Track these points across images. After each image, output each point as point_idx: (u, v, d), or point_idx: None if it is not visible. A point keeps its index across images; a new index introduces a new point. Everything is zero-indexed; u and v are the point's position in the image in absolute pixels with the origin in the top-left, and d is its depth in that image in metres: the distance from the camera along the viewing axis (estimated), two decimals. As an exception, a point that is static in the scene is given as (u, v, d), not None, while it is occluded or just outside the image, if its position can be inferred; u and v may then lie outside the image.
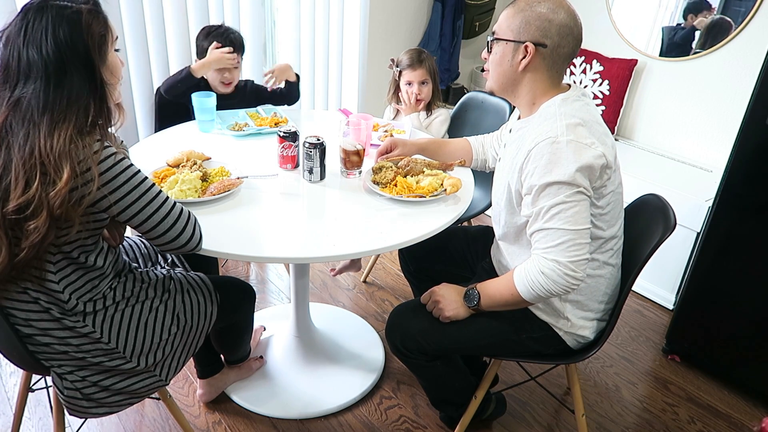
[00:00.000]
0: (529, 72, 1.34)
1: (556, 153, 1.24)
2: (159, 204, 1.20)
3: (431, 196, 1.56)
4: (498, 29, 1.36)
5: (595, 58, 2.94)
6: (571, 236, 1.25)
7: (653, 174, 2.57)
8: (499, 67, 1.37)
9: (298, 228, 1.47)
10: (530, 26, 1.29)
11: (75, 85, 1.11)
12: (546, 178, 1.25)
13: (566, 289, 1.28)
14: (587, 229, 1.27)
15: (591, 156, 1.23)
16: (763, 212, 1.82)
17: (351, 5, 2.93)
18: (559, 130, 1.26)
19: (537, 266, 1.28)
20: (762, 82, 1.74)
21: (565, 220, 1.25)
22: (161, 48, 2.37)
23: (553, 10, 1.29)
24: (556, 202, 1.25)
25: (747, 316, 1.93)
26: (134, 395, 1.34)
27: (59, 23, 1.09)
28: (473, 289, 1.42)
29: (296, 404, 1.87)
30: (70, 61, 1.10)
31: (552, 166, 1.24)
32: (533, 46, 1.30)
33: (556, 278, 1.26)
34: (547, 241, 1.27)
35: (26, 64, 1.09)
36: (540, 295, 1.30)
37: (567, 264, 1.25)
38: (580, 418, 1.61)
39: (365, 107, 3.14)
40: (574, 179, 1.23)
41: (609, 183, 1.30)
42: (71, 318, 1.22)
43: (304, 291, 1.97)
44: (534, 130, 1.31)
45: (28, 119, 1.08)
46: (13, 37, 1.09)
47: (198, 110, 1.99)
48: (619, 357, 2.22)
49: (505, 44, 1.34)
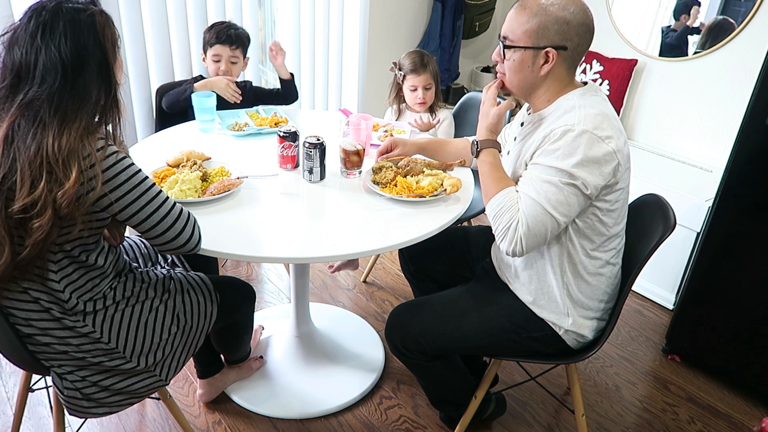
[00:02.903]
0: (551, 74, 1.32)
1: (567, 141, 1.24)
2: (159, 204, 1.20)
3: (431, 196, 1.56)
4: (512, 35, 1.31)
5: (595, 58, 2.94)
6: (545, 218, 1.26)
7: (653, 174, 2.57)
8: (520, 73, 1.34)
9: (298, 228, 1.47)
10: (549, 31, 1.27)
11: (90, 86, 1.13)
12: (549, 160, 1.26)
13: (501, 247, 1.31)
14: (562, 222, 1.27)
15: (601, 151, 1.23)
16: (763, 212, 1.82)
17: (351, 5, 2.93)
18: (577, 119, 1.25)
19: (510, 220, 1.29)
20: (762, 82, 1.74)
21: (546, 199, 1.26)
22: (161, 48, 2.37)
23: (566, 9, 1.26)
24: (548, 180, 1.26)
25: (747, 316, 1.93)
26: (134, 395, 1.34)
27: (76, 25, 1.10)
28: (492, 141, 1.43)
29: (296, 404, 1.87)
30: (88, 62, 1.12)
31: (560, 152, 1.24)
32: (555, 51, 1.28)
33: (507, 240, 1.30)
34: (523, 212, 1.28)
35: (43, 66, 1.09)
36: (491, 221, 1.34)
37: (524, 241, 1.28)
38: (580, 418, 1.61)
39: (365, 107, 3.14)
40: (574, 171, 1.23)
41: (621, 180, 1.30)
42: (71, 318, 1.22)
43: (304, 291, 1.97)
44: (552, 123, 1.30)
45: (39, 119, 1.08)
46: (26, 38, 1.09)
47: (198, 110, 1.99)
48: (619, 357, 2.22)
49: (523, 51, 1.31)
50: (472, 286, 1.60)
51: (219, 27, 2.18)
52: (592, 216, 1.33)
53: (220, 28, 2.18)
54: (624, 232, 1.44)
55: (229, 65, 2.19)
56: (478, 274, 1.65)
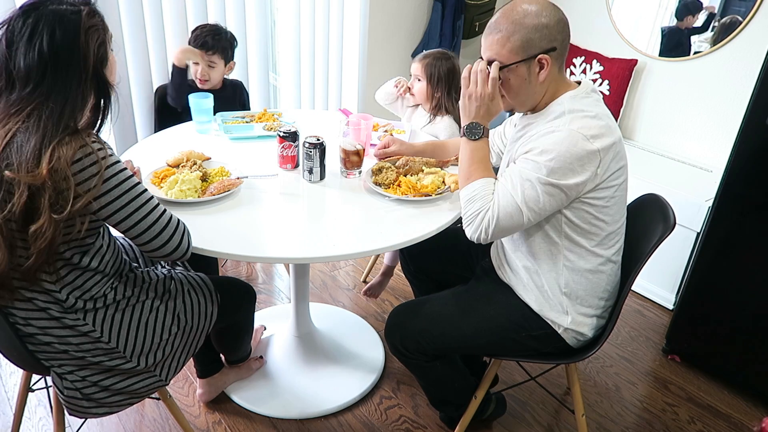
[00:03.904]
0: (548, 78, 1.33)
1: (550, 140, 1.25)
2: (148, 210, 1.19)
3: (437, 194, 1.56)
4: (499, 57, 1.31)
5: (595, 58, 2.94)
6: (514, 212, 1.28)
7: (653, 174, 2.57)
8: (524, 90, 1.34)
9: (298, 228, 1.47)
10: (533, 41, 1.28)
11: (77, 86, 1.12)
12: (530, 156, 1.28)
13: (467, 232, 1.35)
14: (532, 219, 1.29)
15: (583, 151, 1.24)
16: (763, 212, 1.82)
17: (351, 5, 2.92)
18: (563, 121, 1.27)
19: (480, 207, 1.32)
20: (762, 82, 1.74)
21: (521, 194, 1.28)
22: (161, 48, 2.37)
23: (540, 15, 1.27)
24: (527, 177, 1.27)
25: (747, 315, 1.93)
26: (134, 395, 1.34)
27: (62, 25, 1.09)
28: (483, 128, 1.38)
29: (296, 404, 1.87)
30: (73, 61, 1.10)
31: (539, 149, 1.26)
32: (546, 55, 1.29)
33: (473, 227, 1.33)
34: (496, 200, 1.31)
35: (28, 66, 1.08)
36: (463, 203, 1.37)
37: (491, 230, 1.31)
38: (580, 418, 1.61)
39: (365, 107, 3.14)
40: (551, 170, 1.24)
41: (612, 178, 1.30)
42: (71, 316, 1.22)
43: (304, 291, 1.97)
44: (540, 126, 1.32)
45: (26, 121, 1.07)
46: (12, 38, 1.08)
47: (195, 111, 1.99)
48: (619, 357, 2.22)
49: (516, 68, 1.31)
50: (472, 285, 1.60)
51: (198, 32, 2.19)
52: (586, 213, 1.33)
53: (198, 33, 2.18)
54: (624, 229, 1.44)
55: (206, 70, 2.19)
56: (478, 274, 1.66)
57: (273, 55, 3.06)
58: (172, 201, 1.47)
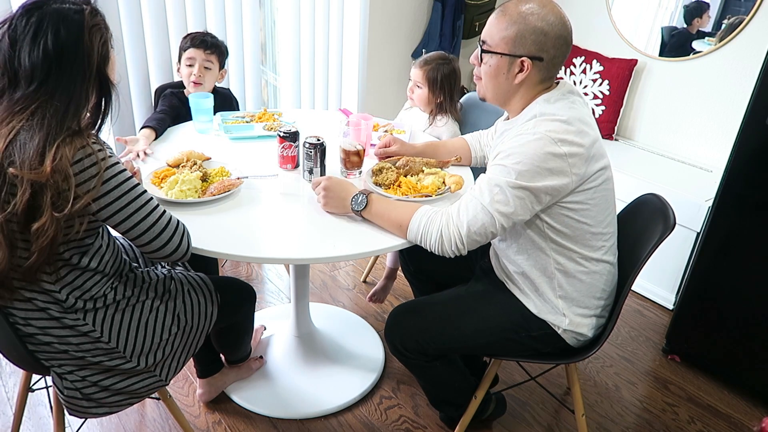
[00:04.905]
0: (524, 83, 1.33)
1: (518, 143, 1.26)
2: (147, 212, 1.19)
3: (437, 195, 1.56)
4: (490, 40, 1.32)
5: (595, 58, 2.94)
6: (485, 218, 1.28)
7: (653, 174, 2.57)
8: (495, 80, 1.35)
9: (298, 228, 1.47)
10: (526, 40, 1.27)
11: (79, 85, 1.12)
12: (499, 160, 1.28)
13: (441, 253, 1.34)
14: (504, 223, 1.28)
15: (552, 155, 1.23)
16: (763, 212, 1.82)
17: (351, 5, 2.93)
18: (533, 124, 1.28)
19: (440, 224, 1.31)
20: (762, 82, 1.74)
21: (489, 198, 1.27)
22: (160, 47, 2.37)
23: (545, 19, 1.26)
24: (496, 182, 1.27)
25: (747, 315, 1.93)
26: (134, 395, 1.34)
27: (64, 24, 1.09)
28: (364, 196, 1.41)
29: (296, 404, 1.87)
30: (76, 60, 1.10)
31: (507, 153, 1.27)
32: (530, 60, 1.29)
33: (445, 245, 1.32)
34: (464, 209, 1.30)
35: (31, 65, 1.08)
36: (419, 244, 1.36)
37: (464, 239, 1.30)
38: (580, 418, 1.61)
39: (365, 107, 3.14)
40: (520, 174, 1.24)
41: (589, 180, 1.29)
42: (71, 316, 1.22)
43: (304, 291, 1.97)
44: (513, 132, 1.32)
45: (28, 120, 1.07)
46: (14, 37, 1.08)
47: (195, 111, 1.99)
48: (619, 357, 2.22)
49: (499, 57, 1.31)
50: (471, 286, 1.60)
51: (195, 33, 2.17)
52: (566, 218, 1.33)
53: (195, 34, 2.16)
54: (614, 228, 1.43)
55: (202, 70, 2.11)
56: (477, 274, 1.66)
57: (273, 55, 3.07)
58: (172, 201, 1.47)
